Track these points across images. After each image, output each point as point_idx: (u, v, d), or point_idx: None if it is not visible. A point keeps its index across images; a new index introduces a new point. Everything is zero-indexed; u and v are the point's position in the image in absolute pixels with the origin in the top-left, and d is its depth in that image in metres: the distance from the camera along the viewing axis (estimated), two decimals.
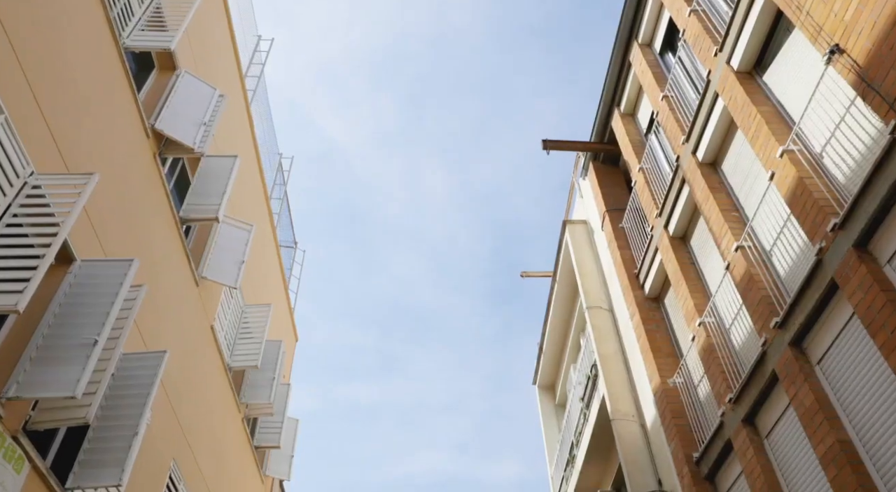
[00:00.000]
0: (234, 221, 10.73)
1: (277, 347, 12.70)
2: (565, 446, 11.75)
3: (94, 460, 6.31)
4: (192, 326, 9.35)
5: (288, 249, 17.94)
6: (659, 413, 7.91)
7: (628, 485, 8.03)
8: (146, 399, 6.79)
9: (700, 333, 7.21)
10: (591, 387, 9.84)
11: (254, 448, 12.34)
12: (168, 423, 8.37)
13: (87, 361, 5.52)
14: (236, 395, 11.37)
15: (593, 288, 10.39)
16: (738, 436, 6.30)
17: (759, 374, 5.98)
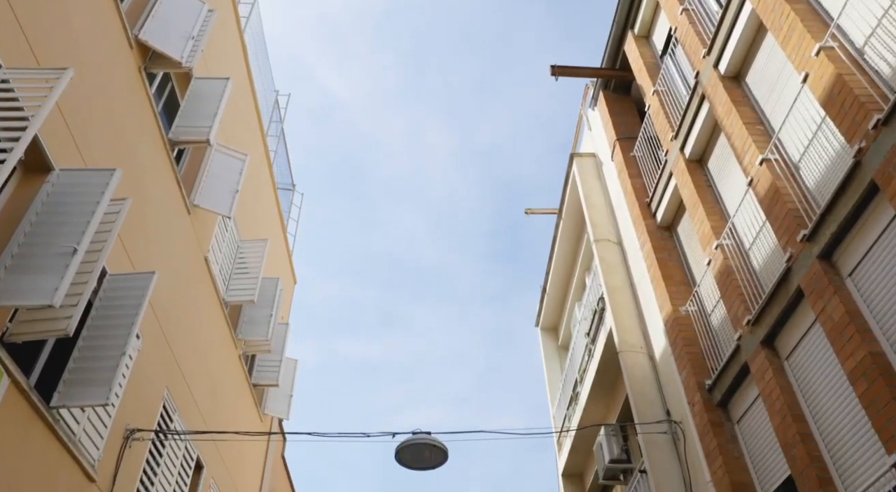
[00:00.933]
0: (227, 150, 10.28)
1: (275, 285, 12.40)
2: (568, 384, 11.54)
3: (80, 379, 6.02)
4: (185, 255, 9.00)
5: (286, 192, 17.52)
6: (669, 342, 7.62)
7: (636, 416, 7.80)
8: (134, 320, 6.48)
9: (717, 257, 6.84)
10: (598, 321, 9.54)
11: (252, 386, 12.15)
12: (161, 352, 8.09)
13: (66, 270, 5.17)
14: (233, 331, 11.11)
15: (601, 221, 10.00)
16: (755, 359, 5.99)
17: (783, 292, 5.64)
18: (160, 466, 8.00)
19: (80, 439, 6.24)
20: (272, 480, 13.55)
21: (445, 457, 7.24)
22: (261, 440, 12.88)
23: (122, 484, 7.04)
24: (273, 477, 13.65)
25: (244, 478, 11.62)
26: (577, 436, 11.01)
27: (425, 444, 7.10)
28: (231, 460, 10.87)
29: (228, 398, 10.72)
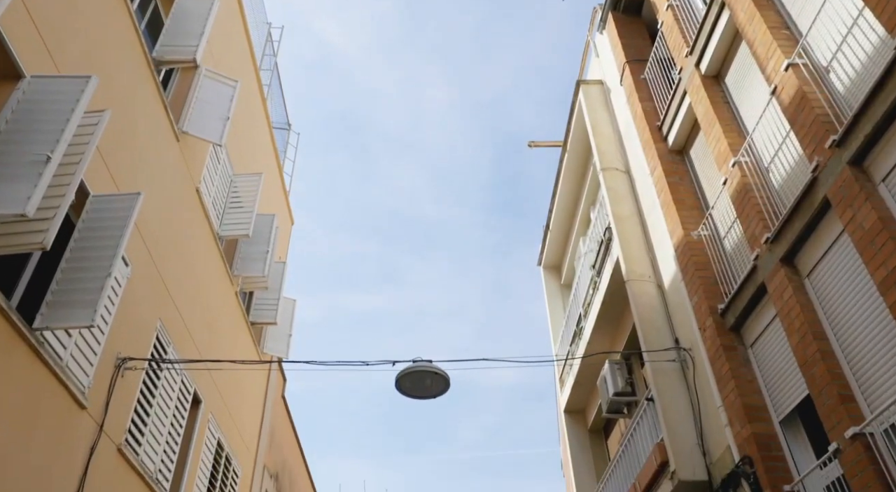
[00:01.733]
0: (217, 75, 9.78)
1: (270, 222, 12.06)
2: (572, 320, 11.34)
3: (64, 300, 5.73)
4: (175, 184, 8.62)
5: (281, 132, 17.02)
6: (680, 268, 7.32)
7: (643, 345, 7.57)
8: (119, 241, 6.15)
9: (733, 175, 6.48)
10: (604, 252, 9.24)
11: (250, 324, 11.95)
12: (152, 282, 7.80)
13: (39, 178, 4.81)
14: (228, 267, 10.82)
15: (609, 149, 9.59)
16: (773, 278, 5.70)
17: (806, 204, 5.30)
18: (155, 397, 7.81)
19: (67, 365, 6.00)
20: (273, 419, 13.51)
21: (447, 385, 7.04)
22: (260, 379, 12.76)
23: (116, 414, 6.85)
24: (274, 417, 13.61)
25: (243, 416, 11.53)
26: (580, 372, 10.86)
27: (426, 371, 6.89)
28: (230, 397, 10.73)
29: (226, 335, 10.52)
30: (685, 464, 6.63)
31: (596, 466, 11.22)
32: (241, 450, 11.18)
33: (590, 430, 11.63)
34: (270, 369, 13.37)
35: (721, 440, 6.43)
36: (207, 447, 9.53)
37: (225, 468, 10.34)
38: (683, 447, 6.76)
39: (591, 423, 11.52)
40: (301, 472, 16.20)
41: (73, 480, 6.08)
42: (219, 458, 10.04)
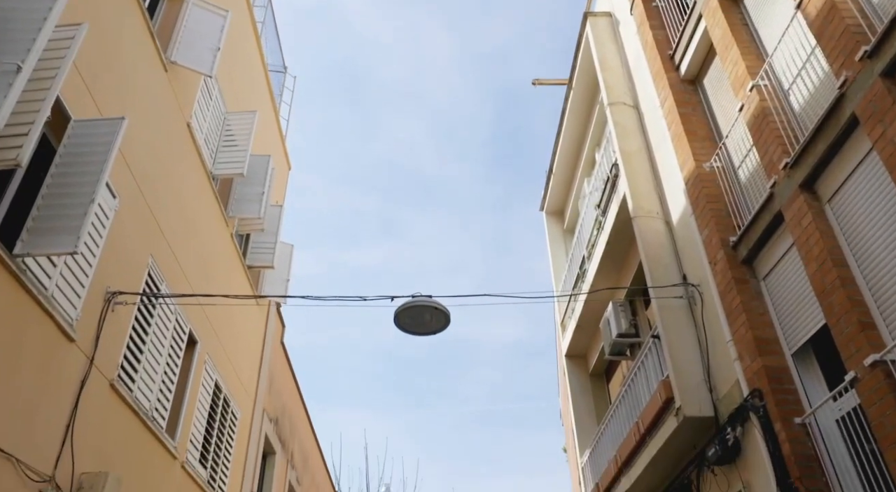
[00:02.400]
0: (206, 4, 9.30)
1: (266, 163, 11.72)
2: (574, 264, 11.11)
3: (46, 227, 5.46)
4: (164, 116, 8.25)
5: (277, 75, 16.49)
6: (690, 202, 7.03)
7: (650, 281, 7.34)
8: (103, 167, 5.85)
9: (751, 100, 6.13)
10: (610, 190, 8.94)
11: (246, 268, 11.73)
12: (142, 217, 7.52)
13: (10, 89, 4.48)
14: (223, 208, 10.53)
15: (617, 83, 9.18)
16: (791, 205, 5.42)
17: (831, 123, 4.98)
18: (149, 335, 7.62)
19: (52, 295, 5.77)
20: (272, 365, 13.43)
21: (447, 321, 6.83)
22: (258, 324, 12.62)
23: (107, 349, 6.66)
24: (273, 362, 13.53)
25: (241, 360, 11.41)
26: (582, 315, 10.68)
27: (426, 306, 6.67)
28: (227, 340, 10.58)
29: (221, 277, 10.30)
30: (691, 400, 6.48)
31: (597, 409, 11.16)
32: (240, 393, 11.11)
33: (591, 374, 11.54)
34: (269, 314, 13.23)
35: (729, 376, 6.26)
36: (205, 388, 9.42)
37: (223, 410, 10.26)
38: (689, 384, 6.59)
39: (593, 367, 11.42)
40: (301, 417, 16.25)
41: (64, 413, 5.92)
42: (217, 399, 9.94)
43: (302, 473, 16.09)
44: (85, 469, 6.14)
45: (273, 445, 13.48)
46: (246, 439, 11.47)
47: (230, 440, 10.50)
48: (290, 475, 14.77)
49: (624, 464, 8.19)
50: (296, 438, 15.53)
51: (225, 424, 10.28)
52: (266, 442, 13.02)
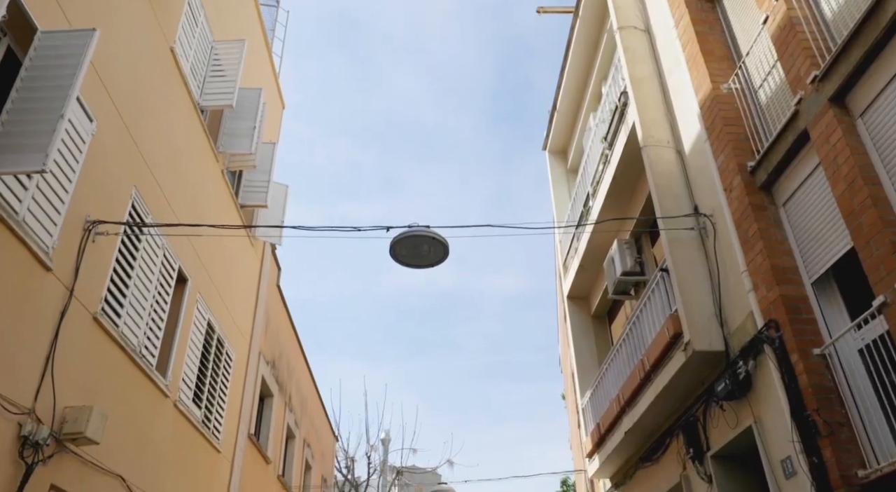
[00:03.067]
0: None
1: (257, 96, 11.19)
2: (578, 203, 10.72)
3: (12, 144, 5.05)
4: (145, 38, 7.72)
5: (269, 9, 15.75)
6: (705, 127, 6.60)
7: (658, 211, 6.97)
8: (73, 81, 5.40)
9: (777, 10, 5.64)
10: (618, 121, 8.48)
11: (239, 206, 11.34)
12: (123, 145, 7.09)
13: None
14: (212, 142, 10.07)
15: (626, 4, 8.61)
16: (819, 122, 5.00)
17: (870, 27, 4.52)
18: (134, 269, 7.30)
19: (24, 220, 5.40)
20: (268, 307, 13.19)
21: (445, 252, 6.48)
22: (253, 265, 12.30)
23: (89, 281, 6.33)
24: (269, 305, 13.28)
25: (235, 301, 11.14)
26: (585, 255, 10.36)
27: (423, 236, 6.31)
28: (220, 280, 10.28)
29: (212, 215, 9.92)
30: (701, 334, 6.20)
31: (598, 351, 10.96)
32: (234, 334, 10.88)
33: (593, 316, 11.30)
34: (263, 256, 12.91)
35: (741, 309, 5.96)
36: (197, 327, 9.16)
37: (217, 350, 10.04)
38: (699, 318, 6.30)
39: (595, 309, 11.16)
40: (299, 361, 16.14)
41: (43, 344, 5.63)
42: (210, 339, 9.71)
43: (300, 416, 16.08)
44: (68, 403, 5.90)
45: (270, 387, 13.36)
46: (242, 380, 11.30)
47: (225, 381, 10.32)
48: (288, 418, 14.73)
49: (627, 403, 7.99)
50: (293, 381, 15.44)
51: (219, 364, 10.08)
52: (263, 385, 12.89)
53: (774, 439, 5.38)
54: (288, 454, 15.18)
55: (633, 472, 8.99)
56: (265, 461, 12.66)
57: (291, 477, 14.87)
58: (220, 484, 10.04)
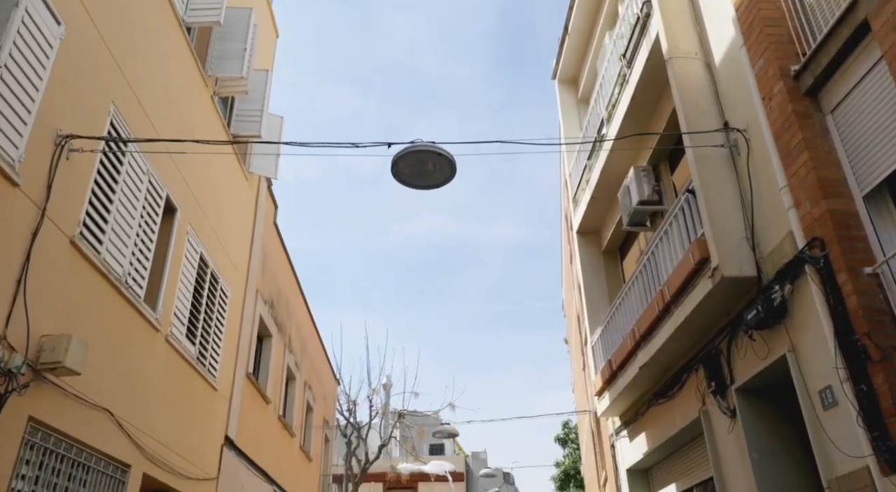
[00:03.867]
0: None
1: (247, 16, 10.43)
2: (592, 129, 10.08)
3: None
4: None
5: None
6: (742, 30, 5.94)
7: (684, 125, 6.38)
8: None
9: None
10: (639, 34, 7.77)
11: (231, 135, 10.72)
12: (98, 56, 6.43)
13: None
14: (200, 64, 9.38)
15: None
16: (884, 8, 4.36)
17: None
18: (116, 193, 6.75)
19: None
20: (265, 246, 12.70)
21: (452, 170, 5.91)
22: (248, 201, 11.75)
23: (63, 202, 5.79)
24: (265, 243, 12.79)
25: (229, 236, 10.63)
26: (598, 185, 9.79)
27: (428, 152, 5.73)
28: (213, 213, 9.74)
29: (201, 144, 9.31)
30: (730, 259, 5.70)
31: (609, 288, 10.51)
32: (229, 270, 10.42)
33: (604, 251, 10.81)
34: (259, 191, 12.35)
35: (778, 229, 5.44)
36: (189, 260, 8.68)
37: (212, 286, 9.60)
38: (729, 241, 5.79)
39: (606, 244, 10.67)
40: (298, 302, 15.77)
41: (13, 267, 5.14)
42: (203, 274, 9.24)
43: (301, 358, 15.81)
44: (45, 332, 5.45)
45: (269, 328, 13.00)
46: (238, 318, 10.90)
47: (220, 318, 9.91)
48: (288, 360, 14.44)
49: (642, 337, 7.57)
50: (293, 322, 15.10)
51: (214, 301, 9.64)
52: (261, 324, 12.52)
53: (812, 368, 4.95)
54: (289, 396, 14.96)
55: (644, 410, 8.66)
56: (265, 401, 12.40)
57: (292, 418, 14.69)
58: (217, 422, 9.76)
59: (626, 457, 9.55)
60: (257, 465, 11.69)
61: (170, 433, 7.98)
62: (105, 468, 6.47)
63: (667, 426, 7.91)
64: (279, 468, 13.33)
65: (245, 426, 11.02)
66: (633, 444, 9.28)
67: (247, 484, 10.99)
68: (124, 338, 6.92)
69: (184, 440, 8.40)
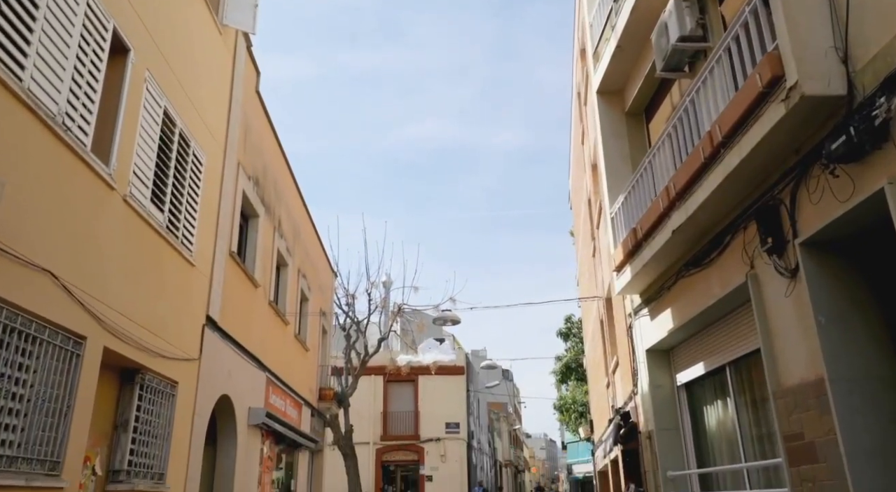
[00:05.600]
0: None
1: None
2: None
3: None
4: None
5: None
6: None
7: None
8: None
9: None
10: None
11: None
12: None
13: None
14: None
15: None
16: None
17: None
18: (40, 9, 5.43)
19: None
20: (247, 117, 11.36)
21: None
22: (223, 60, 10.30)
23: None
24: (248, 114, 11.44)
25: (203, 97, 9.30)
26: (625, 30, 8.37)
27: None
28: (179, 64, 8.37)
29: None
30: (814, 72, 4.47)
31: (632, 154, 9.31)
32: (203, 135, 9.16)
33: (628, 112, 9.53)
34: (236, 50, 10.86)
35: (883, 30, 4.19)
36: (149, 113, 7.42)
37: (182, 149, 8.38)
38: (812, 52, 4.54)
39: (631, 104, 9.37)
40: (287, 184, 14.61)
41: None
42: (169, 133, 8.00)
43: (293, 244, 14.84)
44: None
45: (255, 206, 11.91)
46: (217, 191, 9.77)
47: (194, 187, 8.77)
48: (278, 244, 13.46)
49: (679, 195, 6.47)
50: (283, 206, 14.00)
51: (185, 166, 8.46)
52: (246, 202, 11.41)
53: None
54: (281, 282, 14.11)
55: (671, 283, 7.71)
56: (253, 284, 11.51)
57: (285, 305, 13.91)
58: (196, 301, 8.85)
59: (645, 337, 8.73)
60: (246, 350, 10.95)
61: (136, 307, 7.05)
62: (53, 339, 5.54)
63: (699, 299, 6.97)
64: (272, 356, 12.66)
65: (230, 308, 10.16)
66: (653, 323, 8.41)
67: (235, 369, 10.27)
68: (65, 190, 5.81)
69: (155, 316, 7.50)
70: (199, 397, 8.69)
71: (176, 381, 7.99)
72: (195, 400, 8.56)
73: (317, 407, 17.36)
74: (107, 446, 6.81)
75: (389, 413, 29.51)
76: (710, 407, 7.73)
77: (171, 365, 7.85)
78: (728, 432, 7.25)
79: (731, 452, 7.14)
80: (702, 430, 7.97)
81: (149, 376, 7.33)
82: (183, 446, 8.16)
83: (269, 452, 12.41)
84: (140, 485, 6.89)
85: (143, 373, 7.23)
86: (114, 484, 6.69)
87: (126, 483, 6.72)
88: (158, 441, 7.51)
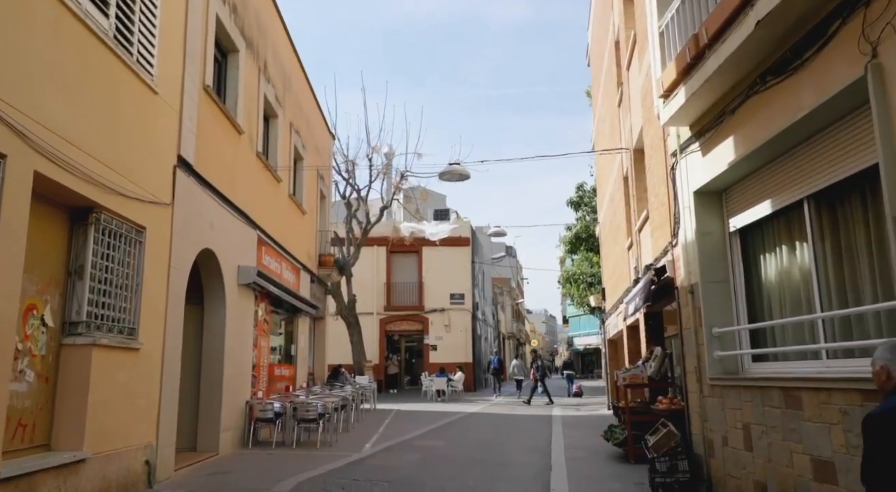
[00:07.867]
0: None
1: None
2: None
3: None
4: None
5: None
6: None
7: None
8: None
9: None
10: None
11: None
12: None
13: None
14: None
15: None
16: None
17: None
18: None
19: None
20: None
21: None
22: None
23: None
24: None
25: None
26: None
27: None
28: None
29: None
30: None
31: None
32: None
33: None
34: None
35: None
36: None
37: None
38: None
39: None
40: (273, 21, 12.72)
41: None
42: None
43: (283, 94, 13.20)
44: None
45: (233, 39, 10.20)
46: (182, 8, 8.09)
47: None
48: (265, 89, 11.84)
49: None
50: (268, 45, 12.22)
51: None
52: (221, 31, 9.70)
53: None
54: (270, 134, 12.65)
55: (737, 104, 6.27)
56: (236, 130, 10.08)
57: (276, 159, 12.54)
58: (164, 137, 7.46)
59: (693, 178, 7.42)
60: (231, 202, 9.72)
61: (81, 131, 5.68)
62: None
63: (777, 118, 5.56)
64: (264, 214, 11.48)
65: (208, 152, 8.80)
66: (705, 160, 7.06)
67: (217, 219, 9.07)
68: None
69: (108, 147, 6.15)
70: (176, 247, 7.54)
71: (143, 226, 6.79)
72: (170, 250, 7.42)
73: (317, 273, 16.49)
74: (59, 295, 5.72)
75: (393, 284, 29.04)
76: (773, 255, 6.56)
77: (135, 207, 6.62)
78: (795, 283, 6.13)
79: (798, 304, 6.05)
80: (757, 282, 6.87)
81: (105, 215, 6.11)
82: (159, 300, 7.12)
83: (265, 315, 11.56)
84: (104, 339, 5.87)
85: (98, 212, 6.00)
86: (71, 337, 5.66)
87: (86, 336, 5.68)
88: (125, 293, 6.43)
